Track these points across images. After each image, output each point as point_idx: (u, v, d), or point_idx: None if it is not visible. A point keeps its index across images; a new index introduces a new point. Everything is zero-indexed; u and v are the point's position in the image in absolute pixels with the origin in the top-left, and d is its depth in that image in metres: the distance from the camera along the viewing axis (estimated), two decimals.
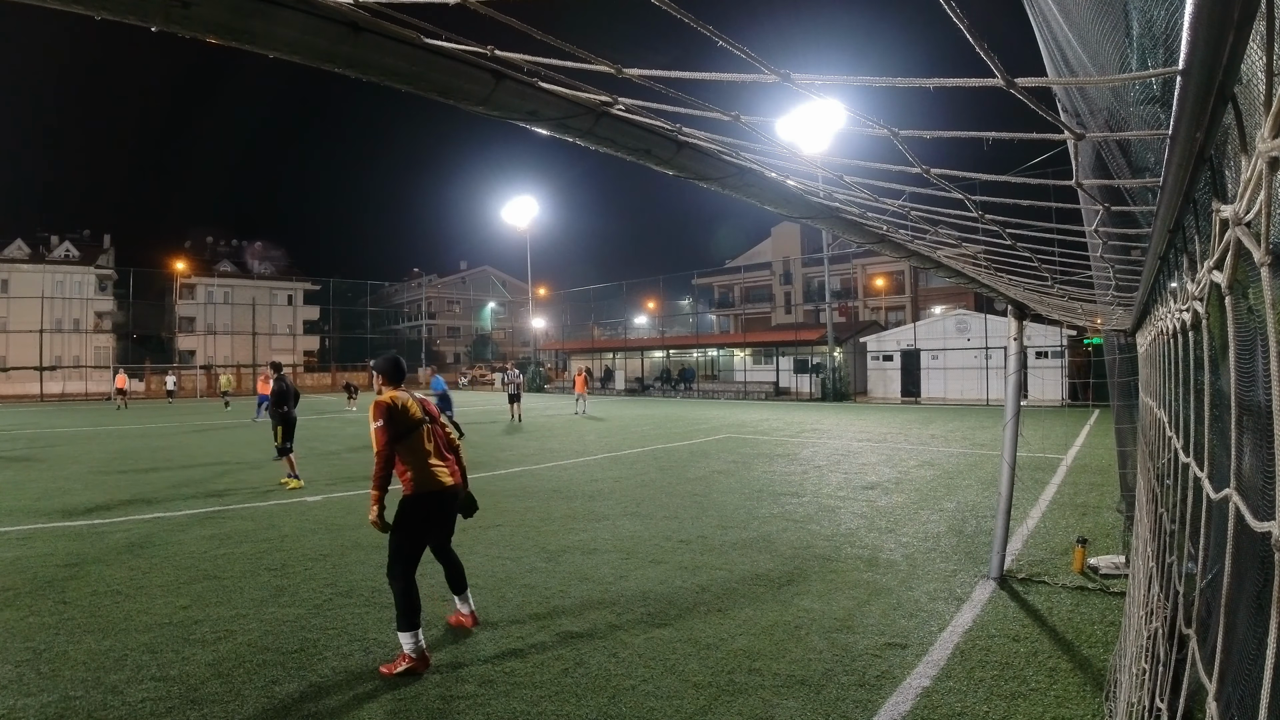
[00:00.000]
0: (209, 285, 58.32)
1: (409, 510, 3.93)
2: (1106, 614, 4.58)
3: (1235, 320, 1.10)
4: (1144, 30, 1.26)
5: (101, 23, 1.01)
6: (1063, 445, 13.66)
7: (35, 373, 41.15)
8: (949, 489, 9.15)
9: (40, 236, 56.89)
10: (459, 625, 4.33)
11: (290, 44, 1.09)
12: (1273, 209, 0.76)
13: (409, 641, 3.72)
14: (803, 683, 3.61)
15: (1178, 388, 1.93)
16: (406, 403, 4.02)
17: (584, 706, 3.37)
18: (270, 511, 7.88)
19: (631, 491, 9.10)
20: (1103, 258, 2.83)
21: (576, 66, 1.33)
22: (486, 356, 67.42)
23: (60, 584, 5.25)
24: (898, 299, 46.19)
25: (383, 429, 3.85)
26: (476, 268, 75.69)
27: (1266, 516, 0.87)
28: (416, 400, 4.13)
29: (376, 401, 3.96)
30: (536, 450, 13.88)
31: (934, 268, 3.87)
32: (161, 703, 3.39)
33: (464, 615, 4.36)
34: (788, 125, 2.72)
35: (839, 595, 4.96)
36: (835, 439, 15.40)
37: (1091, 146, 2.28)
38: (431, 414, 4.17)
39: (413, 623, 3.74)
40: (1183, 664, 1.56)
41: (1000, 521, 5.41)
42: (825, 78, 1.24)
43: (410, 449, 3.96)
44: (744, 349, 39.63)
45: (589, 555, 6.03)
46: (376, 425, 3.87)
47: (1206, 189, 1.17)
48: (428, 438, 4.04)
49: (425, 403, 4.19)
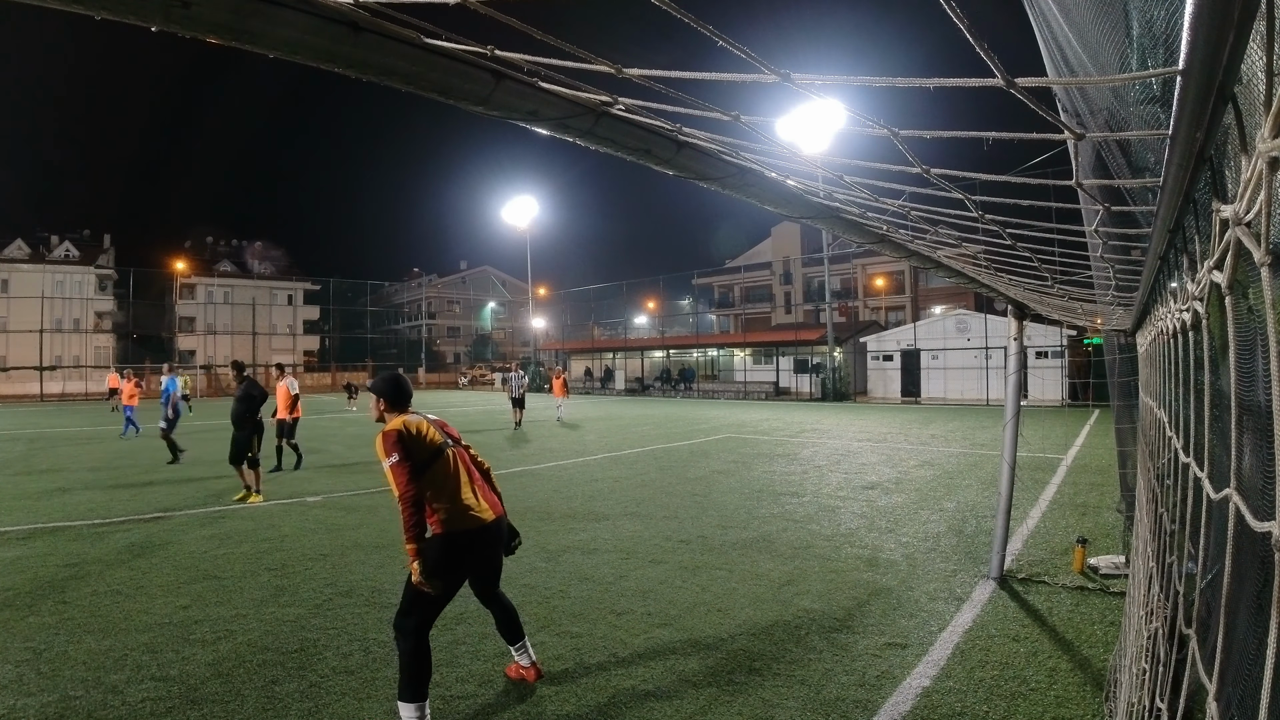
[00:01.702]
0: (209, 285, 58.33)
1: (436, 553, 3.20)
2: (1106, 614, 4.58)
3: (1235, 320, 1.10)
4: (1144, 30, 1.26)
5: (101, 22, 1.01)
6: (1063, 445, 13.66)
7: (35, 373, 41.13)
8: (949, 489, 9.15)
9: (40, 236, 56.90)
10: (520, 679, 3.64)
11: (290, 44, 1.09)
12: (1273, 209, 0.76)
13: (412, 714, 3.07)
14: (803, 683, 3.61)
15: (1178, 388, 1.93)
16: (420, 427, 3.34)
17: (584, 706, 3.37)
18: (270, 511, 7.88)
19: (631, 491, 9.10)
20: (1103, 258, 2.83)
21: (576, 66, 1.33)
22: (486, 356, 67.45)
23: (60, 584, 5.25)
24: (898, 299, 46.19)
25: (400, 465, 3.13)
26: (476, 268, 75.71)
27: (1266, 516, 0.87)
28: (431, 422, 3.45)
29: (384, 433, 3.25)
30: (536, 450, 13.87)
31: (934, 268, 3.87)
32: (161, 703, 3.39)
33: (525, 668, 3.63)
34: (788, 125, 2.72)
35: (839, 595, 4.96)
36: (835, 439, 15.40)
37: (1091, 146, 2.28)
38: (452, 435, 3.53)
39: (419, 693, 3.10)
40: (1183, 664, 1.56)
41: (1000, 521, 5.41)
42: (825, 78, 1.24)
43: (434, 482, 3.27)
44: (744, 349, 39.63)
45: (589, 555, 6.03)
46: (391, 462, 3.14)
47: (1206, 189, 1.17)
48: (453, 463, 3.37)
49: (443, 424, 3.55)
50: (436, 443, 3.36)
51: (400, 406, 3.44)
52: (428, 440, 3.33)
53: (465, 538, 3.29)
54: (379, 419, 3.46)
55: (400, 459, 3.14)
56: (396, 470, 3.13)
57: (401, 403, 3.46)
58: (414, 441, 3.26)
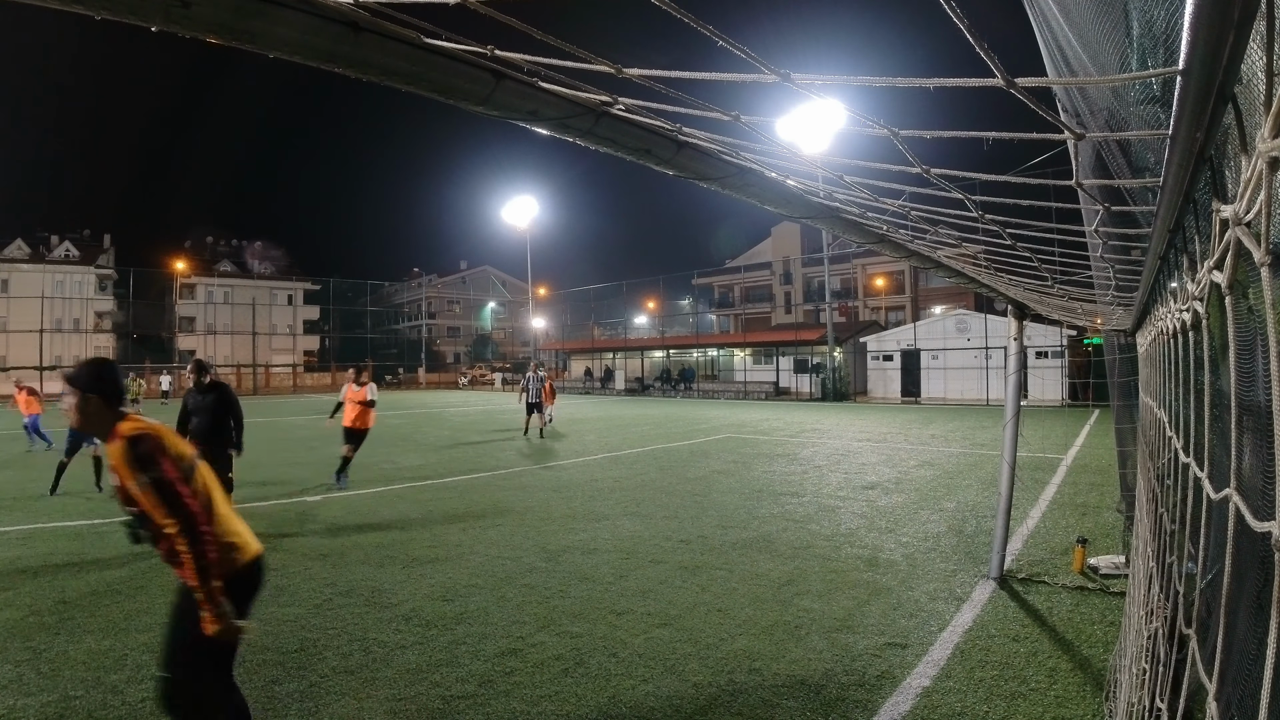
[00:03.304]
0: (209, 285, 58.39)
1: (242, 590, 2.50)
2: (1106, 614, 4.58)
3: (1235, 320, 1.10)
4: (1144, 30, 1.26)
5: (102, 22, 1.01)
6: (1063, 445, 13.66)
7: (35, 373, 41.12)
8: (949, 489, 9.15)
9: (40, 236, 56.92)
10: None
11: (290, 44, 1.09)
12: (1273, 209, 0.76)
13: None
14: (803, 683, 3.61)
15: (1178, 388, 1.93)
16: (161, 431, 2.45)
17: (584, 706, 3.37)
18: (270, 511, 7.88)
19: (631, 491, 9.10)
20: (1103, 258, 2.83)
21: (576, 66, 1.33)
22: (486, 356, 67.44)
23: (60, 584, 5.25)
24: (898, 299, 46.19)
25: (179, 480, 2.33)
26: (476, 268, 75.73)
27: (1266, 516, 0.87)
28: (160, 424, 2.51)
29: (135, 437, 2.34)
30: (536, 450, 13.87)
31: (934, 268, 3.87)
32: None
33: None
34: (788, 125, 2.72)
35: (839, 595, 4.96)
36: (835, 439, 15.40)
37: (1091, 146, 2.28)
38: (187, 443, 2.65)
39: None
40: (1183, 664, 1.56)
41: (1000, 521, 5.41)
42: (825, 78, 1.24)
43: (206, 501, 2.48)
44: (744, 349, 39.63)
45: (589, 555, 6.02)
46: (151, 477, 2.29)
47: (1206, 189, 1.17)
48: (206, 479, 2.55)
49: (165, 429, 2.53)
50: (189, 454, 2.52)
51: (116, 400, 2.48)
52: (183, 449, 2.50)
53: (256, 571, 2.60)
54: (86, 424, 2.45)
55: (172, 470, 2.33)
56: (174, 488, 2.30)
57: (121, 399, 2.51)
58: (172, 447, 2.42)
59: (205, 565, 2.28)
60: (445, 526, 7.09)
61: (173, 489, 2.30)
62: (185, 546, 2.28)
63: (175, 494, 2.30)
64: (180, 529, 2.28)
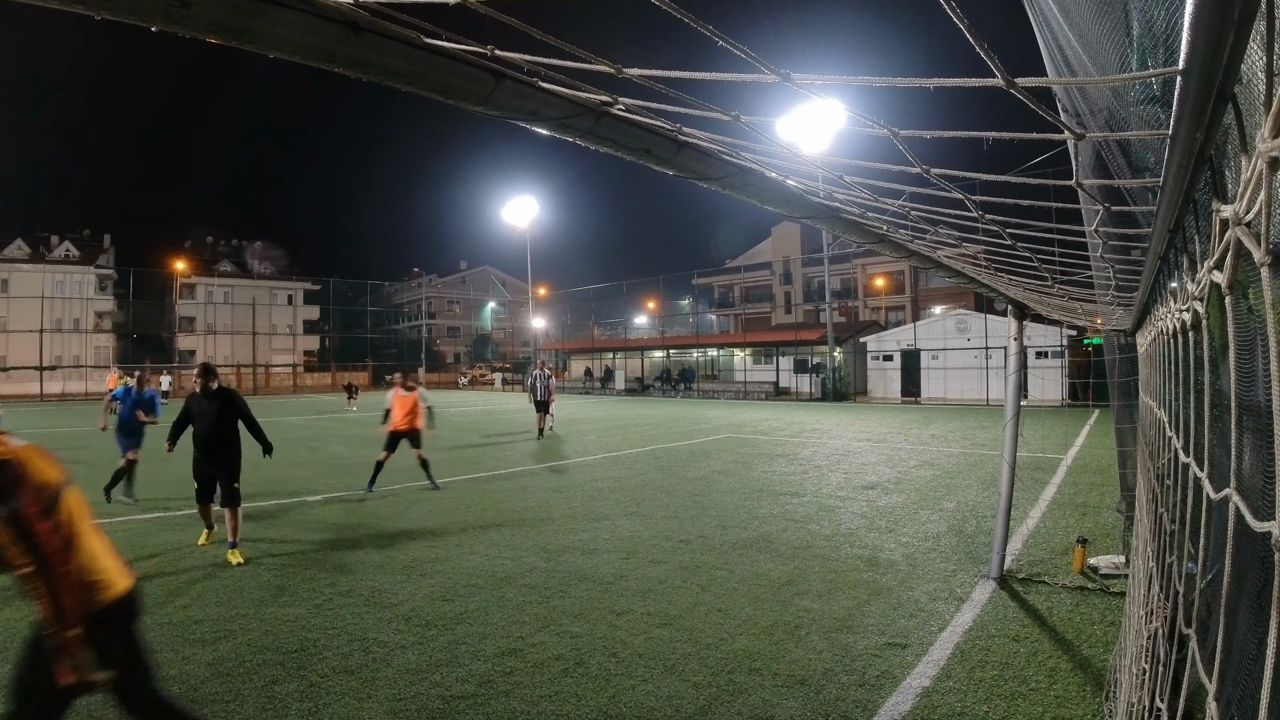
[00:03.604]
0: (209, 285, 58.36)
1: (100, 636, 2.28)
2: (1106, 614, 4.58)
3: (1235, 320, 1.10)
4: (1144, 30, 1.26)
5: (101, 22, 1.01)
6: (1063, 445, 13.66)
7: (35, 372, 41.14)
8: (949, 489, 9.15)
9: (40, 236, 56.90)
10: None
11: (290, 44, 1.09)
12: (1273, 209, 0.76)
13: None
14: (803, 683, 3.61)
15: (1178, 388, 1.93)
16: (26, 456, 2.17)
17: (584, 706, 3.37)
18: (270, 511, 7.88)
19: (631, 491, 9.10)
20: (1103, 258, 2.83)
21: (576, 66, 1.33)
22: (486, 356, 67.45)
23: None
24: (898, 299, 46.18)
25: (38, 515, 2.10)
26: (476, 268, 75.72)
27: (1266, 516, 0.87)
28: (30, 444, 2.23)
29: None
30: (536, 450, 13.87)
31: (934, 268, 3.87)
32: None
33: None
34: (788, 125, 2.72)
35: (839, 595, 4.96)
36: (835, 439, 15.40)
37: (1091, 146, 2.28)
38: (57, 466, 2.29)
39: None
40: (1183, 664, 1.56)
41: (1000, 521, 5.42)
42: (825, 78, 1.24)
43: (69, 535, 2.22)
44: (744, 349, 39.63)
45: (589, 555, 6.03)
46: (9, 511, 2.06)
47: (1206, 189, 1.17)
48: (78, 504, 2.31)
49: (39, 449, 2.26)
50: (55, 480, 2.22)
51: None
52: (49, 475, 2.21)
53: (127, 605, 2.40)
54: None
55: (38, 508, 2.10)
56: (31, 526, 2.07)
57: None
58: (39, 477, 2.17)
59: (60, 611, 2.11)
60: (445, 526, 7.09)
61: (29, 527, 2.07)
62: (41, 590, 2.12)
63: (31, 532, 2.08)
64: (35, 570, 2.10)
